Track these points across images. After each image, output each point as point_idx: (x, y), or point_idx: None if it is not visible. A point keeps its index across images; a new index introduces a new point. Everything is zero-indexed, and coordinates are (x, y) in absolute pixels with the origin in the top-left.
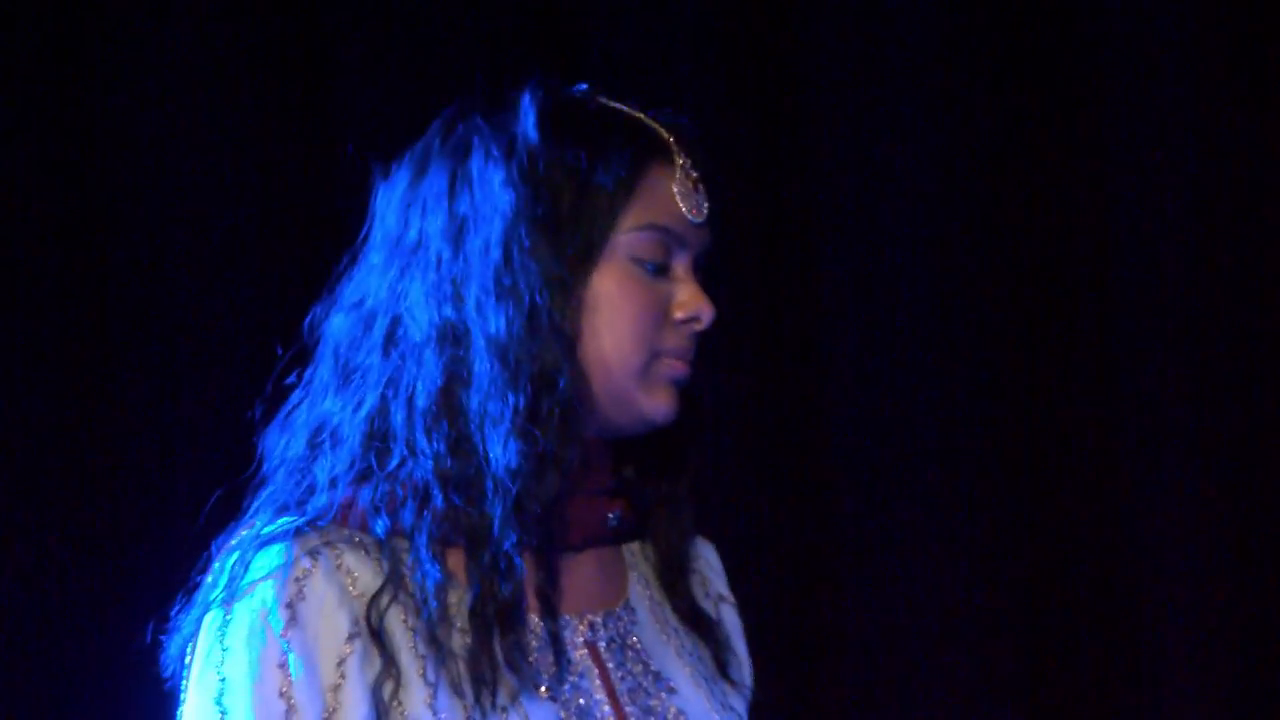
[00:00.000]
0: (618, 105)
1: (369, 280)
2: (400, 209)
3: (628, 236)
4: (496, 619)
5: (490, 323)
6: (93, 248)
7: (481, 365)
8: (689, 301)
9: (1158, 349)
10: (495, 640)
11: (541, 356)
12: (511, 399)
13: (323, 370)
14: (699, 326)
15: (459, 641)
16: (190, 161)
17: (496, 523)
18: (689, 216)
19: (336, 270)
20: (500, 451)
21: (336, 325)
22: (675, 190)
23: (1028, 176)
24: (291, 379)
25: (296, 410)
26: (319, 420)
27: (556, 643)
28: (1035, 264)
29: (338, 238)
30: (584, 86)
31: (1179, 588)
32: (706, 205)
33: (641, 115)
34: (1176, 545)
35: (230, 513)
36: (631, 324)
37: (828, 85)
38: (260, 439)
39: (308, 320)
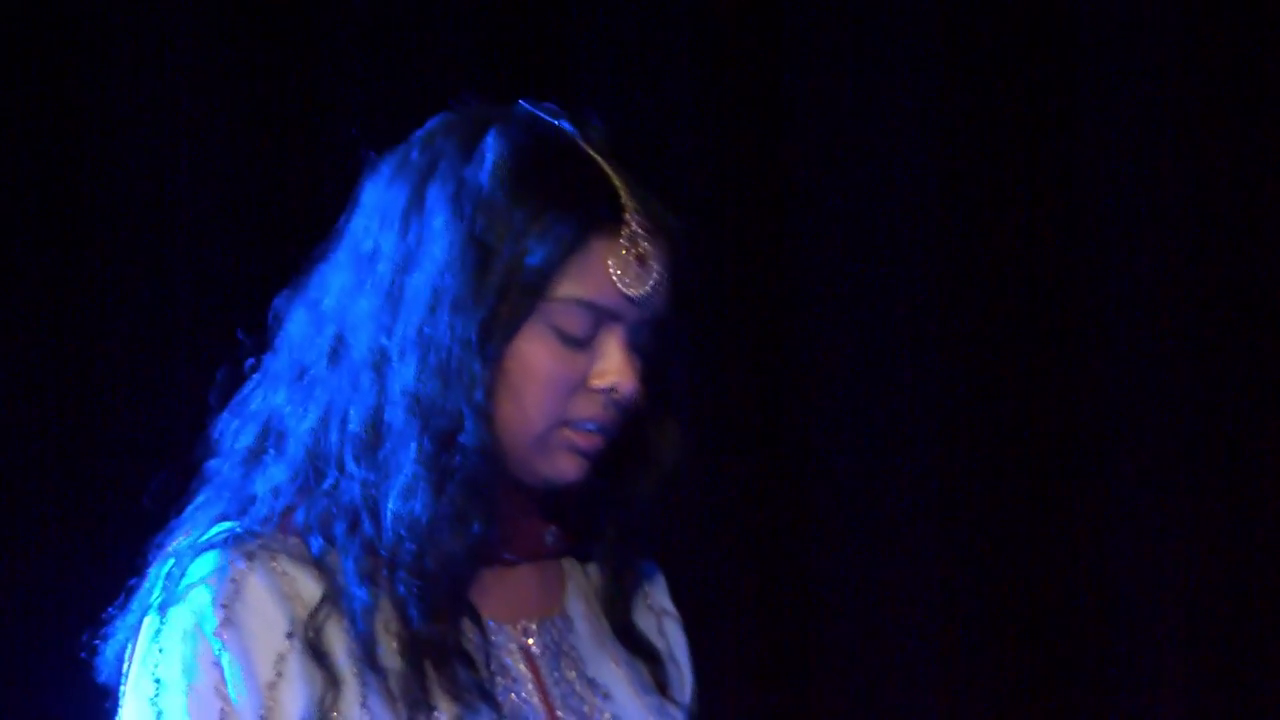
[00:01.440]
0: (586, 154)
1: (330, 278)
2: (369, 212)
3: (554, 306)
4: (424, 640)
5: (408, 370)
6: (75, 241)
7: (394, 412)
8: (609, 372)
9: (1147, 353)
10: (426, 660)
11: (450, 412)
12: (414, 451)
13: (279, 362)
14: (617, 396)
15: (392, 654)
16: (176, 148)
17: (402, 570)
18: (625, 292)
19: (311, 256)
20: (402, 501)
21: (295, 319)
22: (612, 265)
23: (1012, 181)
24: (251, 361)
25: (251, 396)
26: (269, 413)
27: (472, 664)
28: (1018, 270)
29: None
30: (567, 125)
31: (1165, 595)
32: (651, 279)
33: (608, 169)
34: (1165, 548)
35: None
36: (540, 392)
37: (811, 86)
38: (213, 423)
39: (273, 306)
